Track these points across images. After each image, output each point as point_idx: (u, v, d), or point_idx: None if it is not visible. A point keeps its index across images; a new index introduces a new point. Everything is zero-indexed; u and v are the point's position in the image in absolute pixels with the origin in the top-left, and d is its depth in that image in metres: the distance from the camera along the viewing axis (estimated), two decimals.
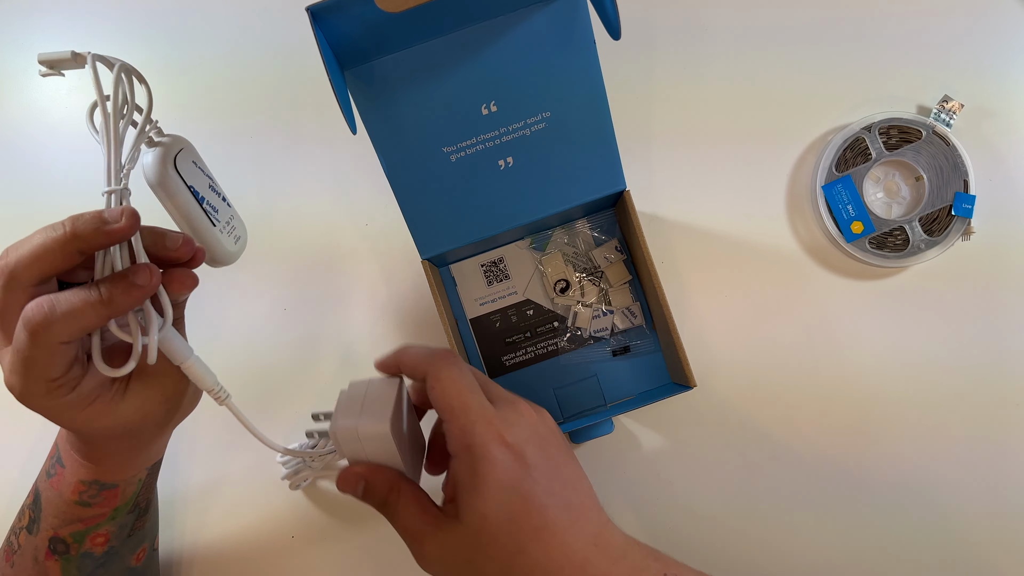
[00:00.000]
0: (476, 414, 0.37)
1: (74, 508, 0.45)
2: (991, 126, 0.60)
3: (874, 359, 0.59)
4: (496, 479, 0.36)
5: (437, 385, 0.38)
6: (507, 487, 0.36)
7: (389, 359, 0.41)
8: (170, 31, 0.64)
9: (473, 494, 0.36)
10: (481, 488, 0.36)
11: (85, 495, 0.45)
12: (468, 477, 0.36)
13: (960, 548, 0.58)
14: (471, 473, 0.36)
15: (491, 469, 0.36)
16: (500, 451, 0.36)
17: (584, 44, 0.49)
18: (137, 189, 0.39)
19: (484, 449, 0.36)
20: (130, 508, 0.47)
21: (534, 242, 0.60)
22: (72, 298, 0.34)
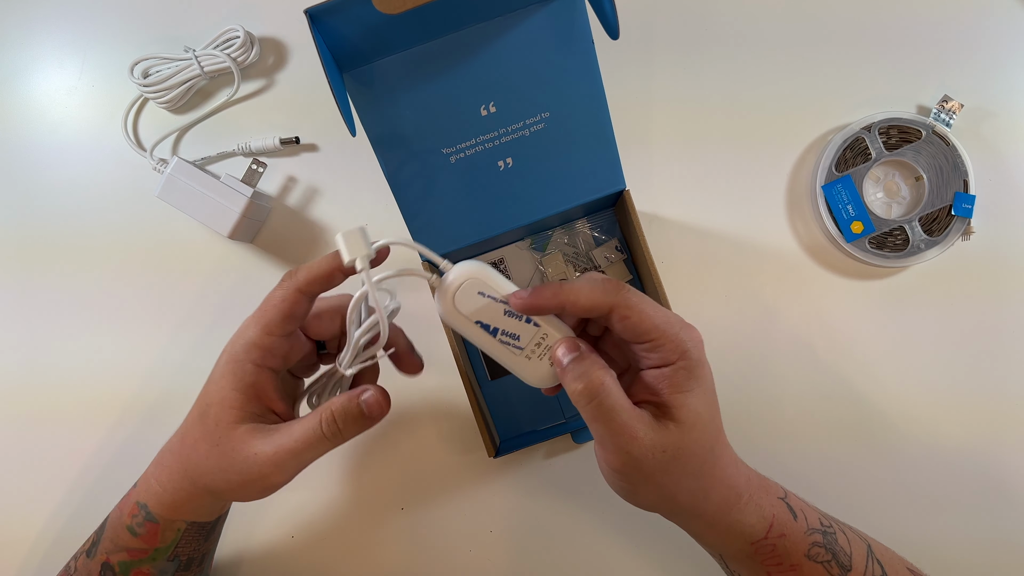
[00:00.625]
0: (678, 327, 0.39)
1: (125, 534, 0.46)
2: (991, 126, 0.60)
3: (874, 359, 0.59)
4: (708, 382, 0.40)
5: (633, 313, 0.39)
6: (711, 390, 0.40)
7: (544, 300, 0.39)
8: (169, 31, 0.64)
9: (691, 395, 0.39)
10: (698, 390, 0.39)
11: (135, 520, 0.45)
12: (685, 379, 0.39)
13: (959, 548, 0.58)
14: (689, 376, 0.39)
15: (705, 373, 0.40)
16: (705, 359, 0.40)
17: (583, 44, 0.49)
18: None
19: (699, 355, 0.40)
20: (169, 555, 0.47)
21: (534, 242, 0.60)
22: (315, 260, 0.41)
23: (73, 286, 0.62)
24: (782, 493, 0.44)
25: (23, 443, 0.62)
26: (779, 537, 0.41)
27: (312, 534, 0.60)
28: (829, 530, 0.44)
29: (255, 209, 0.59)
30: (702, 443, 0.39)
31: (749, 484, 0.42)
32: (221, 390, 0.41)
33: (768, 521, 0.41)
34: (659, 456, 0.38)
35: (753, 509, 0.41)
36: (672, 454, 0.38)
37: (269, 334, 0.40)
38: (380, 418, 0.41)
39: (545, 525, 0.59)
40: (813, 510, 0.44)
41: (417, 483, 0.60)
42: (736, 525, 0.41)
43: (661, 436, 0.38)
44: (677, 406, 0.39)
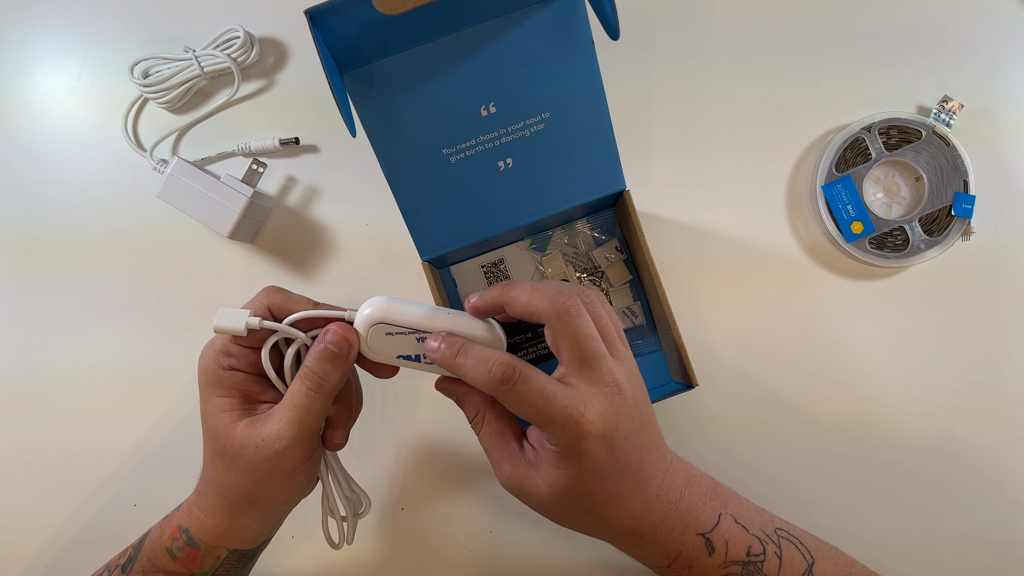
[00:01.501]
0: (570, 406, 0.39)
1: (164, 556, 0.46)
2: (991, 126, 0.60)
3: (874, 359, 0.59)
4: (584, 468, 0.40)
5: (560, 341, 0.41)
6: (590, 472, 0.40)
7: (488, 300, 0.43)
8: (169, 31, 0.64)
9: (560, 472, 0.40)
10: (568, 470, 0.40)
11: (176, 544, 0.46)
12: (558, 459, 0.40)
13: (959, 547, 0.58)
14: (560, 457, 0.40)
15: (581, 459, 0.39)
16: (591, 445, 0.39)
17: (583, 45, 0.49)
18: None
19: (578, 444, 0.39)
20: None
21: (534, 243, 0.60)
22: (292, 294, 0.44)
23: (73, 286, 0.62)
24: (709, 526, 0.43)
25: (23, 443, 0.62)
26: (685, 569, 0.43)
27: (312, 534, 0.60)
28: (756, 559, 0.43)
29: (255, 209, 0.59)
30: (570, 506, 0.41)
31: (655, 529, 0.42)
32: (209, 402, 0.43)
33: (671, 557, 0.43)
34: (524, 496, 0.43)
35: (655, 547, 0.43)
36: (537, 500, 0.42)
37: (235, 343, 0.42)
38: (351, 349, 0.42)
39: (545, 525, 0.59)
40: (747, 538, 0.44)
41: (417, 483, 0.60)
42: (636, 554, 0.44)
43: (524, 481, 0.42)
44: (542, 470, 0.41)
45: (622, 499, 0.42)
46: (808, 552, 0.46)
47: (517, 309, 0.41)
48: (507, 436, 0.43)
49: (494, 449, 0.43)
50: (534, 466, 0.41)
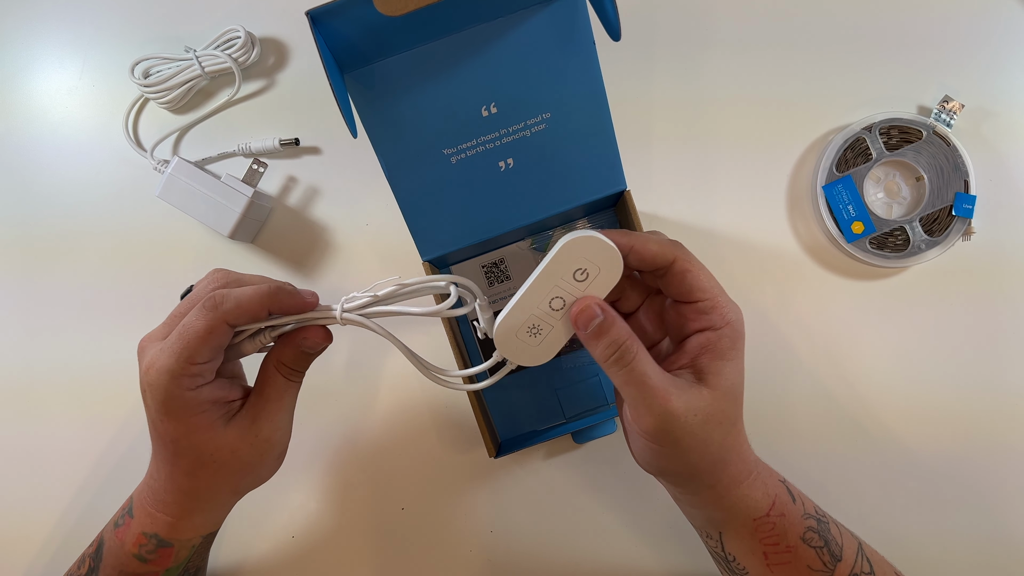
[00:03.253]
0: (727, 297, 0.41)
1: (132, 561, 0.45)
2: (991, 126, 0.60)
3: (874, 359, 0.59)
4: (742, 356, 0.41)
5: (693, 269, 0.41)
6: (742, 364, 0.41)
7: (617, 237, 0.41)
8: (169, 31, 0.64)
9: (731, 363, 0.40)
10: (736, 359, 0.41)
11: (144, 548, 0.45)
12: (727, 348, 0.40)
13: (959, 547, 0.58)
14: (730, 345, 0.40)
15: (743, 344, 0.41)
16: (741, 342, 0.41)
17: (584, 45, 0.49)
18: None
19: (741, 326, 0.41)
20: (180, 573, 0.47)
21: (535, 243, 0.60)
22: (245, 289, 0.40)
23: (73, 286, 0.63)
24: (782, 477, 0.45)
25: (23, 443, 0.62)
26: (779, 516, 0.42)
27: (312, 534, 0.60)
28: (823, 519, 0.45)
29: (256, 209, 0.59)
30: (730, 413, 0.41)
31: (757, 463, 0.44)
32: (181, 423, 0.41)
33: (771, 499, 0.43)
34: (690, 419, 0.39)
35: (760, 486, 0.43)
36: (703, 418, 0.39)
37: (192, 363, 0.39)
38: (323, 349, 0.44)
39: (545, 525, 0.59)
40: (809, 499, 0.46)
41: (417, 483, 0.60)
42: (743, 499, 0.42)
43: (694, 399, 0.39)
44: (714, 372, 0.40)
45: (742, 429, 0.43)
46: (851, 533, 0.47)
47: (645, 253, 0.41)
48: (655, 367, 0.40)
49: (656, 373, 0.39)
50: (696, 380, 0.40)
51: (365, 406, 0.61)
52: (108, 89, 0.63)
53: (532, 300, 0.41)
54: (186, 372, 0.40)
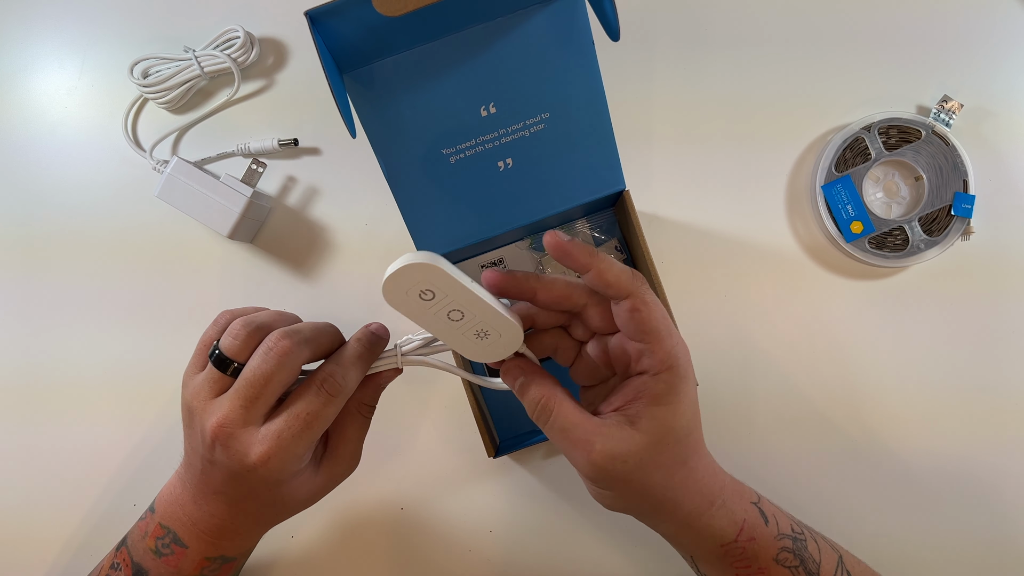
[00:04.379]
0: (678, 338, 0.40)
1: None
2: (991, 126, 0.60)
3: (874, 359, 0.59)
4: (689, 398, 0.40)
5: (644, 308, 0.38)
6: (692, 405, 0.40)
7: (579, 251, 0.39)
8: (169, 31, 0.64)
9: (667, 408, 0.39)
10: (676, 404, 0.39)
11: (207, 570, 0.46)
12: (666, 393, 0.39)
13: (959, 543, 0.58)
14: (670, 390, 0.39)
15: (688, 389, 0.40)
16: (692, 375, 0.40)
17: (583, 45, 0.49)
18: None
19: (686, 371, 0.40)
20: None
21: (534, 243, 0.60)
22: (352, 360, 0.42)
23: (73, 286, 0.62)
24: (755, 498, 0.44)
25: (23, 441, 0.62)
26: (749, 541, 0.42)
27: (312, 534, 0.60)
28: (800, 536, 0.44)
29: (255, 209, 0.59)
30: (670, 456, 0.39)
31: (723, 490, 0.42)
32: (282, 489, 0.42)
33: (739, 525, 0.42)
34: (618, 466, 0.38)
35: (724, 514, 0.42)
36: (635, 464, 0.38)
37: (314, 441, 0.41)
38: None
39: (545, 525, 0.59)
40: (786, 516, 0.45)
41: (417, 483, 0.60)
42: (707, 529, 0.42)
43: (623, 445, 0.38)
44: (648, 418, 0.39)
45: (703, 449, 0.42)
46: (833, 544, 0.46)
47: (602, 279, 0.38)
48: (584, 411, 0.40)
49: (577, 426, 0.39)
50: (629, 422, 0.39)
51: None
52: (107, 89, 0.63)
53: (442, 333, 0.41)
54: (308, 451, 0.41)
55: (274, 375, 0.39)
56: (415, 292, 0.39)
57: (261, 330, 0.40)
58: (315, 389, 0.40)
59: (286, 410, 0.40)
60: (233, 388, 0.40)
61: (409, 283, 0.39)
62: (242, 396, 0.39)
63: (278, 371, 0.39)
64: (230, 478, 0.41)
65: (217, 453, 0.40)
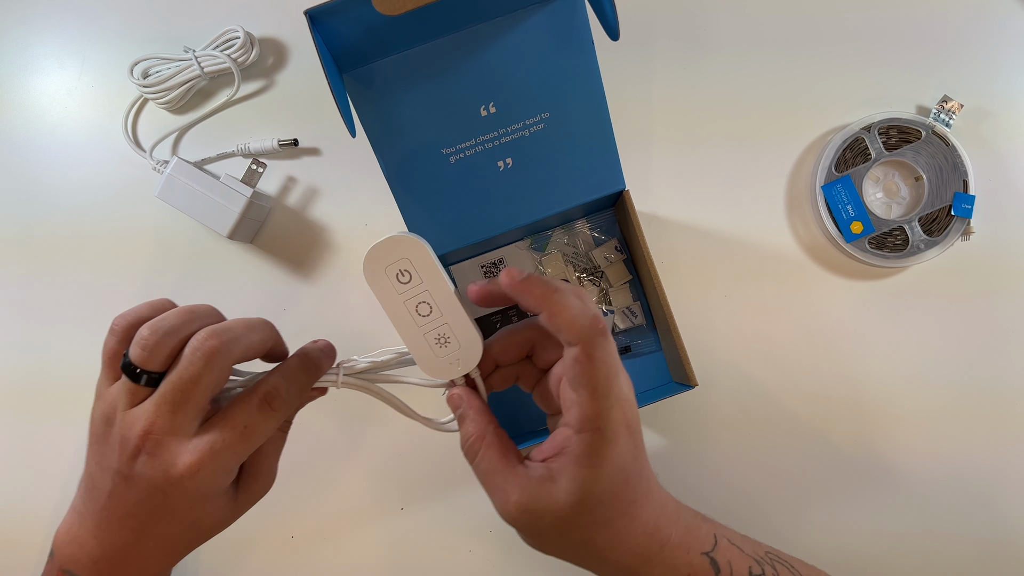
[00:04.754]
0: (615, 399, 0.37)
1: None
2: (991, 126, 0.60)
3: (873, 358, 0.59)
4: (613, 463, 0.37)
5: (588, 362, 0.36)
6: (618, 469, 0.37)
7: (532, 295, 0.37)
8: (169, 31, 0.64)
9: (587, 470, 0.36)
10: (597, 468, 0.37)
11: None
12: (587, 455, 0.37)
13: (959, 543, 0.58)
14: (592, 452, 0.37)
15: (612, 453, 0.37)
16: (624, 437, 0.37)
17: (583, 45, 0.49)
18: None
19: (613, 434, 0.37)
20: None
21: (534, 242, 0.60)
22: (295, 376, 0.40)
23: (73, 286, 0.62)
24: (710, 546, 0.41)
25: (23, 441, 0.62)
26: None
27: (312, 534, 0.60)
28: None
29: (255, 209, 0.59)
30: (590, 518, 0.37)
31: (664, 547, 0.40)
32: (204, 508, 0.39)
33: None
34: (534, 522, 0.37)
35: (666, 570, 0.39)
36: (551, 522, 0.37)
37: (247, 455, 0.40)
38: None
39: None
40: (747, 558, 0.42)
41: (417, 483, 0.60)
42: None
43: (540, 502, 0.37)
44: (569, 478, 0.37)
45: (639, 509, 0.39)
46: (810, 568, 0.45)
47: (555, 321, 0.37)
48: (510, 457, 0.39)
49: (498, 472, 0.38)
50: (549, 478, 0.37)
51: (364, 407, 0.61)
52: (107, 89, 0.63)
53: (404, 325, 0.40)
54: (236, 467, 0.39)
55: (202, 377, 0.36)
56: (394, 270, 0.38)
57: (171, 334, 0.37)
58: (257, 401, 0.38)
59: (222, 420, 0.38)
60: (158, 393, 0.37)
61: (392, 257, 0.38)
62: (168, 401, 0.36)
63: (206, 373, 0.36)
64: (147, 495, 0.37)
65: (139, 464, 0.37)
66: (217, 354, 0.36)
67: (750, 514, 0.58)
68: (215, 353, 0.36)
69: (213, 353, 0.36)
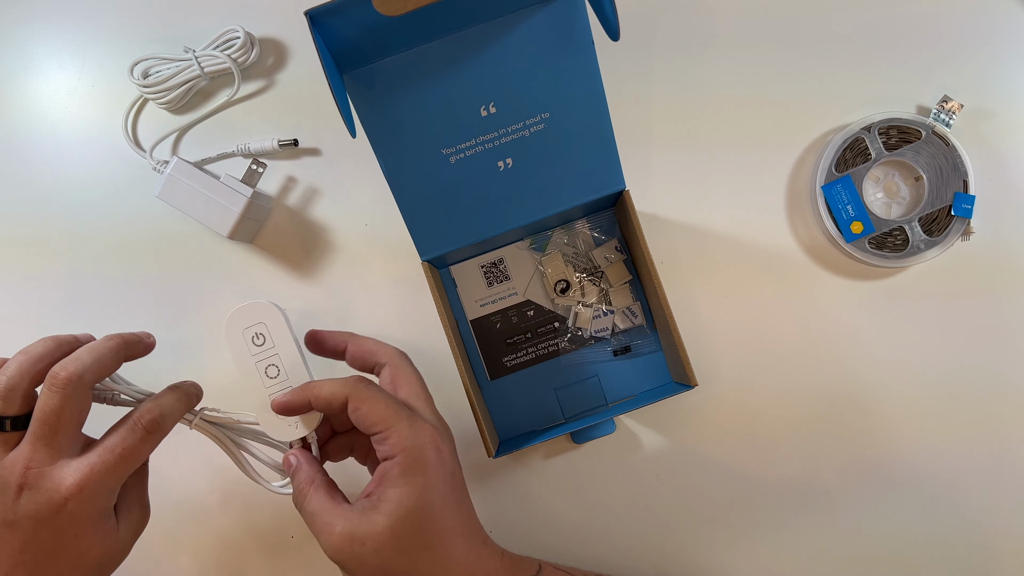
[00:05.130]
0: (408, 422, 0.41)
1: None
2: (991, 126, 0.60)
3: (874, 359, 0.59)
4: (427, 480, 0.40)
5: (364, 404, 0.41)
6: (434, 488, 0.40)
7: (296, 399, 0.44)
8: (169, 31, 0.64)
9: (403, 490, 0.40)
10: (413, 486, 0.40)
11: None
12: (401, 475, 0.40)
13: (960, 544, 0.58)
14: (405, 472, 0.40)
15: (429, 471, 0.40)
16: (431, 451, 0.41)
17: (583, 45, 0.49)
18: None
19: (423, 453, 0.41)
20: None
21: (534, 243, 0.60)
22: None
23: (73, 286, 0.62)
24: (534, 571, 0.45)
25: None
26: None
27: (312, 534, 0.60)
28: None
29: (255, 209, 0.59)
30: (410, 540, 0.40)
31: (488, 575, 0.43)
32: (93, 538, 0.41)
33: None
34: (356, 548, 0.39)
35: None
36: (373, 547, 0.39)
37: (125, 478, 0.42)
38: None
39: (544, 525, 0.59)
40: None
41: None
42: None
43: (362, 527, 0.39)
44: (387, 500, 0.40)
45: (458, 539, 0.42)
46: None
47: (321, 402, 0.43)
48: (337, 497, 0.42)
49: (324, 510, 0.41)
50: (372, 507, 0.40)
51: None
52: (107, 89, 0.63)
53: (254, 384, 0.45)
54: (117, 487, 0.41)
55: (63, 407, 0.39)
56: (251, 332, 0.45)
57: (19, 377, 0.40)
58: (131, 425, 0.41)
59: (100, 444, 0.41)
60: (29, 431, 0.40)
61: (252, 319, 0.45)
62: (39, 435, 0.39)
63: (66, 403, 0.39)
64: (33, 534, 0.39)
65: (23, 502, 0.39)
66: (70, 383, 0.39)
67: (750, 514, 0.58)
68: (68, 383, 0.39)
69: (67, 384, 0.39)
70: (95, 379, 0.41)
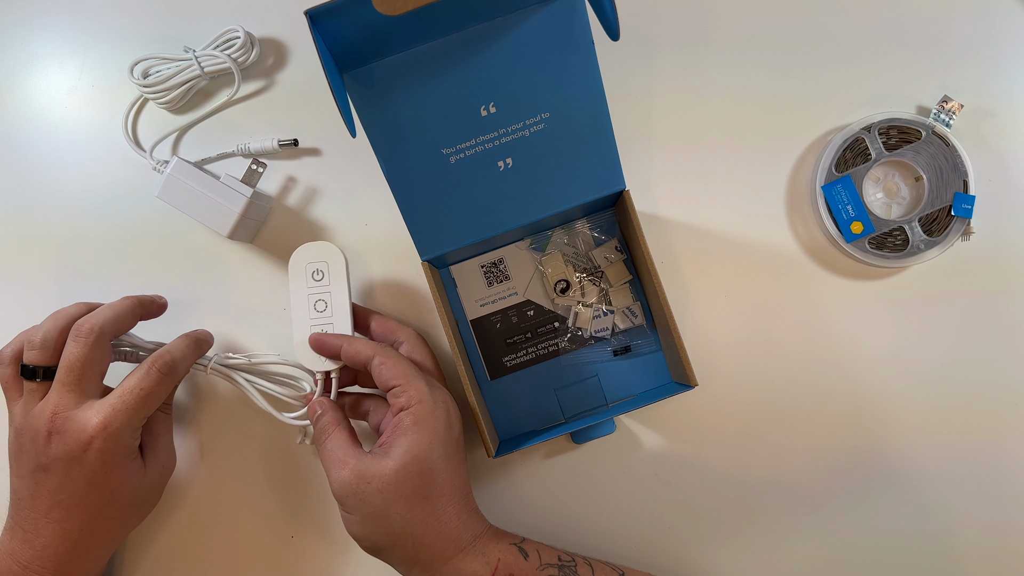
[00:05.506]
0: (423, 382, 0.46)
1: None
2: (991, 126, 0.60)
3: (873, 359, 0.59)
4: (435, 430, 0.44)
5: (388, 360, 0.46)
6: (441, 442, 0.45)
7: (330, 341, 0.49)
8: (169, 31, 0.64)
9: (411, 437, 0.43)
10: (420, 434, 0.44)
11: None
12: (411, 424, 0.44)
13: (960, 545, 0.58)
14: (415, 422, 0.44)
15: (435, 422, 0.45)
16: (442, 410, 0.46)
17: (583, 45, 0.49)
18: None
19: (433, 407, 0.45)
20: None
21: (534, 243, 0.60)
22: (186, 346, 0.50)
23: (73, 286, 0.62)
24: (518, 540, 0.48)
25: None
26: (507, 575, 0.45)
27: (312, 534, 0.60)
28: (568, 563, 0.47)
29: (255, 209, 0.59)
30: (414, 488, 0.43)
31: (477, 538, 0.46)
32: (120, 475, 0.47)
33: (493, 564, 0.45)
34: (363, 487, 0.43)
35: (477, 556, 0.45)
36: (377, 487, 0.43)
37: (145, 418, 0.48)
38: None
39: (544, 525, 0.59)
40: (554, 550, 0.48)
41: None
42: (457, 573, 0.44)
43: (370, 468, 0.43)
44: (397, 446, 0.43)
45: (454, 498, 0.45)
46: (617, 566, 0.49)
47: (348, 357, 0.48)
48: (355, 442, 0.46)
49: (341, 449, 0.45)
50: (383, 454, 0.44)
51: None
52: (107, 89, 0.63)
53: (301, 314, 0.51)
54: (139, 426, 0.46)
55: (87, 355, 0.44)
56: (313, 267, 0.51)
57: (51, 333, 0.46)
58: (147, 368, 0.46)
59: (121, 387, 0.46)
60: (55, 380, 0.45)
61: (319, 256, 0.51)
62: (64, 382, 0.44)
63: (89, 351, 0.45)
64: (65, 473, 0.44)
65: (53, 447, 0.43)
66: (92, 333, 0.45)
67: (750, 514, 0.58)
68: (91, 332, 0.45)
69: (89, 333, 0.45)
70: (114, 332, 0.47)
